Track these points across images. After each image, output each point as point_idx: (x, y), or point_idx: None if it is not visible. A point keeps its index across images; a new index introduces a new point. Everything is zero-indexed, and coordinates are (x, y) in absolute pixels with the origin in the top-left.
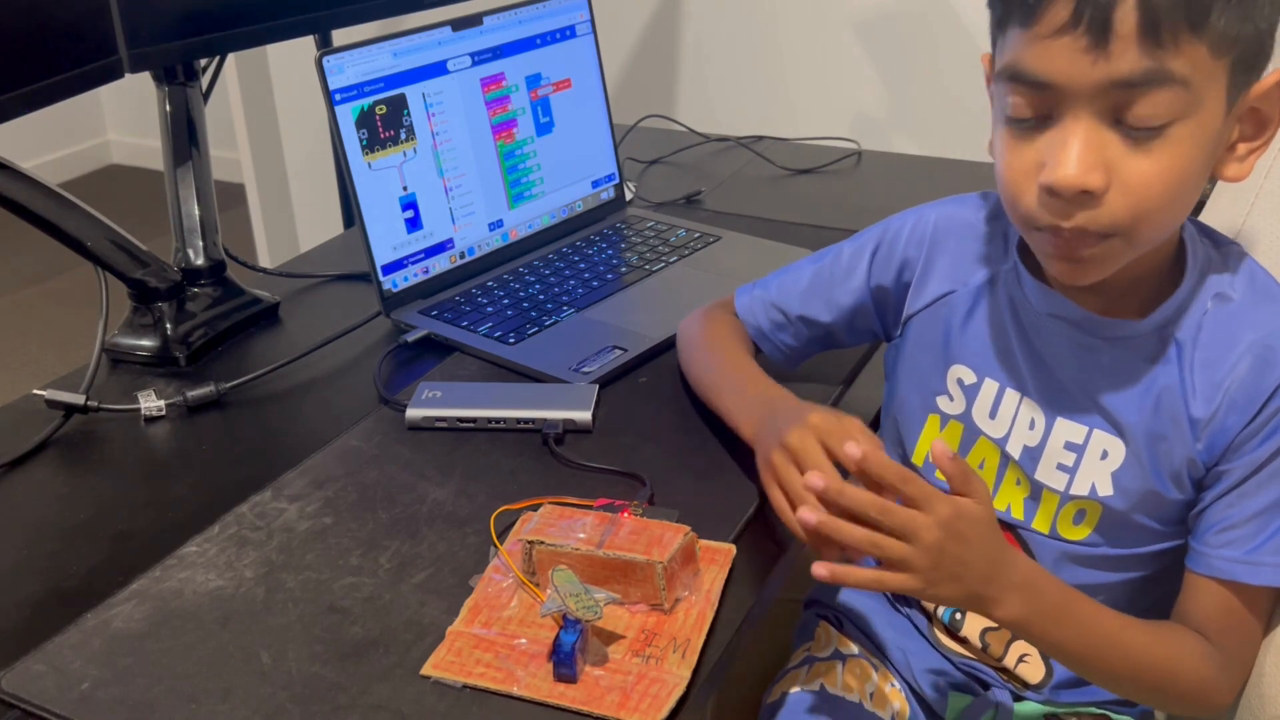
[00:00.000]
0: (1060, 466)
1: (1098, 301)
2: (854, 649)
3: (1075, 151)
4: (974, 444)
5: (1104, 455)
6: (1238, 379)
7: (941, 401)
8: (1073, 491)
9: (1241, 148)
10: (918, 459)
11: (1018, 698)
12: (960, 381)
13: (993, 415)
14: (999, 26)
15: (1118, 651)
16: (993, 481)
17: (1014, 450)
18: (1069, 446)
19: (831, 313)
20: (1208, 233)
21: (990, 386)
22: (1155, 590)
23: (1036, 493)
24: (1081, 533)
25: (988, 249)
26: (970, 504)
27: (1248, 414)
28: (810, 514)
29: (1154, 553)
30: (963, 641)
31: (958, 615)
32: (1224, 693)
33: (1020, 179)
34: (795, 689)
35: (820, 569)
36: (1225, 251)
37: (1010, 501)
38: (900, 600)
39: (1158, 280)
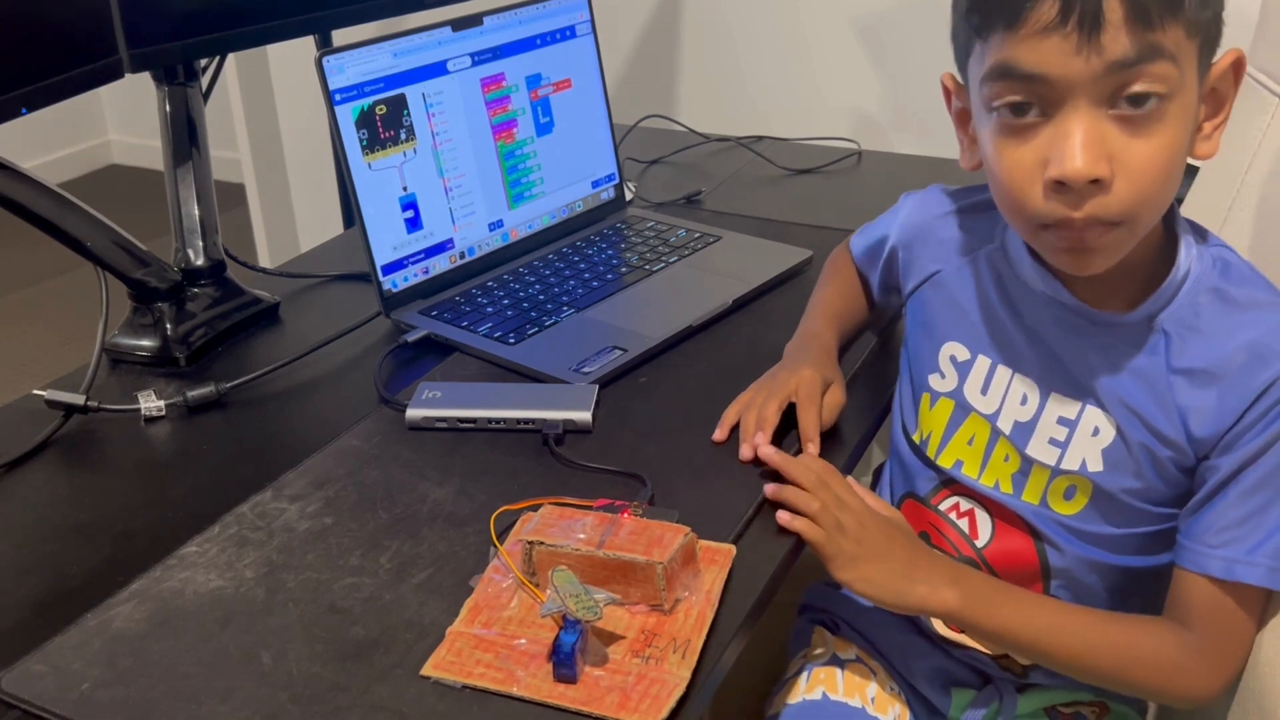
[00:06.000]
0: (1052, 441)
1: (1090, 292)
2: (851, 653)
3: (1080, 143)
4: (964, 420)
5: (1095, 432)
6: (1230, 375)
7: (933, 380)
8: (1063, 466)
9: (1207, 126)
10: (928, 444)
11: (1021, 688)
12: (953, 359)
13: (984, 391)
14: (978, 34)
15: (1066, 632)
16: (981, 457)
17: (1004, 426)
18: (1062, 421)
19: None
20: (1195, 227)
21: (983, 363)
22: (1155, 585)
23: (1026, 467)
24: (1074, 508)
25: (965, 235)
26: (901, 518)
27: (1238, 410)
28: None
29: (1150, 535)
30: (962, 630)
31: None
32: (1202, 682)
33: (1022, 179)
34: (797, 699)
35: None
36: (1214, 248)
37: (998, 477)
38: None
39: (1147, 272)
